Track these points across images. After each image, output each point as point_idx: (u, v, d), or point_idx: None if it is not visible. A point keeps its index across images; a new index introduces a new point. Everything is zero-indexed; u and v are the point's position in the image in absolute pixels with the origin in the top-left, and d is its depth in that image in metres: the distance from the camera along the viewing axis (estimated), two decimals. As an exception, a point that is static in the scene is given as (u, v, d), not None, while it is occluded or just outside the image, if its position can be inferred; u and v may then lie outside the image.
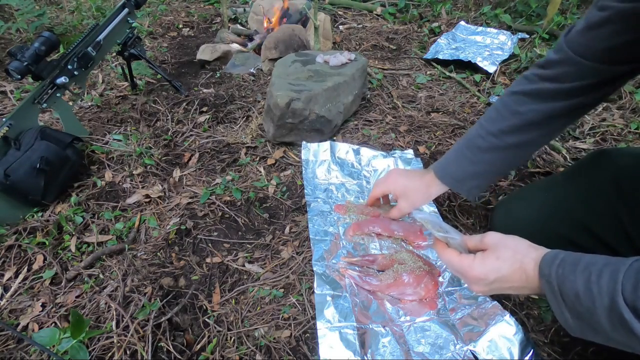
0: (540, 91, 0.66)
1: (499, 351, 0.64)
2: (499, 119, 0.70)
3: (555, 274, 0.46)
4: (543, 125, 0.68)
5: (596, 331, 0.43)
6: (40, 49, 1.02)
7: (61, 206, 0.99)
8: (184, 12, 2.36)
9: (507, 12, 2.12)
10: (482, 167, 0.73)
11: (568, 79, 0.63)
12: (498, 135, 0.70)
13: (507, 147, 0.70)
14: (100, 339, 0.69)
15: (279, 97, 1.10)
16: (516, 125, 0.68)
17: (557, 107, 0.65)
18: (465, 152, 0.74)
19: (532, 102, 0.67)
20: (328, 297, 0.72)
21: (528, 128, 0.68)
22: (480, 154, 0.72)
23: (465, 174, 0.74)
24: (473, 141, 0.73)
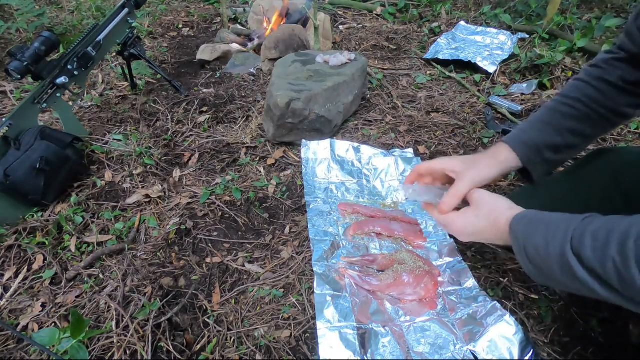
0: (631, 57, 0.64)
1: (498, 351, 0.64)
2: (582, 86, 0.68)
3: (522, 232, 0.53)
4: (630, 93, 0.66)
5: (552, 279, 0.50)
6: (40, 49, 1.02)
7: (61, 206, 0.99)
8: (184, 12, 2.36)
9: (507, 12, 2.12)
10: (564, 136, 0.68)
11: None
12: (583, 101, 0.67)
13: (594, 114, 0.67)
14: (100, 339, 0.69)
15: (279, 97, 1.10)
16: (604, 91, 0.66)
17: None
18: (544, 119, 0.69)
19: (618, 69, 0.65)
20: (328, 297, 0.72)
21: (615, 95, 0.66)
22: (564, 120, 0.68)
23: (545, 144, 0.67)
24: (555, 109, 0.69)
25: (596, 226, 0.46)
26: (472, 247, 0.87)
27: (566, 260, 0.46)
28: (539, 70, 1.56)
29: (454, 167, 0.66)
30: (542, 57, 1.53)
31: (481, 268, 0.81)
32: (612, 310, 0.72)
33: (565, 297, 0.75)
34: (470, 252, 0.86)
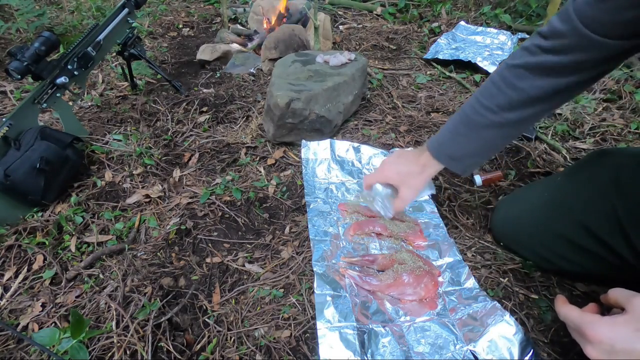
0: (543, 64, 0.63)
1: (499, 351, 0.64)
2: (496, 94, 0.68)
3: None
4: (544, 101, 0.66)
5: None
6: (40, 49, 1.02)
7: (61, 206, 0.99)
8: (184, 12, 2.36)
9: (507, 12, 2.12)
10: (480, 144, 0.72)
11: (572, 53, 0.59)
12: (497, 112, 0.68)
13: (506, 123, 0.68)
14: (100, 339, 0.69)
15: (279, 97, 1.10)
16: (516, 101, 0.66)
17: (560, 82, 0.63)
18: (460, 130, 0.72)
19: (533, 77, 0.64)
20: (328, 297, 0.72)
21: (528, 104, 0.66)
22: (477, 131, 0.70)
23: (462, 152, 0.73)
24: (470, 118, 0.71)
25: None
26: (472, 247, 0.87)
27: None
28: (539, 70, 1.56)
29: (393, 182, 0.81)
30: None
31: (481, 268, 0.81)
32: (612, 310, 0.72)
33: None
34: (470, 252, 0.86)
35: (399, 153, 0.84)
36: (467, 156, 0.73)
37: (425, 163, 0.76)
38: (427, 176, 0.78)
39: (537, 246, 0.78)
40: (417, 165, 0.77)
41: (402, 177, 0.79)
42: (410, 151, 0.83)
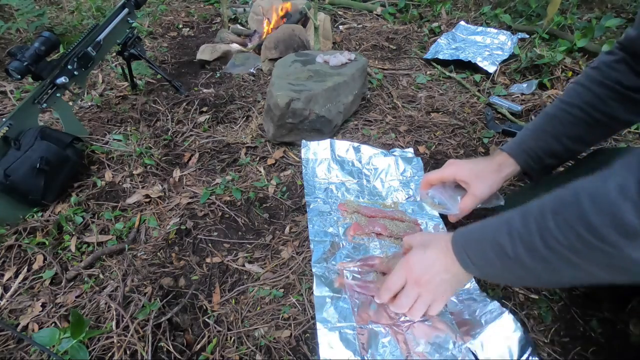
0: (627, 64, 0.65)
1: (498, 350, 0.64)
2: (583, 92, 0.69)
3: (461, 241, 0.59)
4: (631, 100, 0.66)
5: (496, 273, 0.57)
6: (40, 49, 1.02)
7: (61, 206, 0.99)
8: (184, 12, 2.36)
9: (507, 12, 2.11)
10: (563, 143, 0.70)
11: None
12: (584, 109, 0.68)
13: (594, 121, 0.68)
14: (100, 339, 0.69)
15: (279, 97, 1.10)
16: (606, 97, 0.67)
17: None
18: (545, 127, 0.71)
19: (618, 73, 0.66)
20: (327, 298, 0.72)
21: (618, 101, 0.66)
22: (564, 127, 0.69)
23: (544, 152, 0.71)
24: (555, 116, 0.70)
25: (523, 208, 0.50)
26: (472, 247, 0.87)
27: (497, 241, 0.51)
28: (539, 70, 1.56)
29: (464, 178, 0.73)
30: (542, 57, 1.53)
31: (481, 268, 0.81)
32: (612, 311, 0.72)
33: (565, 297, 0.75)
34: (470, 252, 0.85)
35: (457, 161, 0.78)
36: (549, 155, 0.71)
37: (501, 162, 0.73)
38: (505, 176, 0.73)
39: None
40: (491, 163, 0.73)
41: (476, 172, 0.73)
42: (475, 159, 0.80)
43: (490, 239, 0.52)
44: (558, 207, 0.44)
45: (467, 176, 0.72)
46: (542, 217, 0.45)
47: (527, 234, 0.47)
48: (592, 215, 0.40)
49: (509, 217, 0.52)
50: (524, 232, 0.47)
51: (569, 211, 0.43)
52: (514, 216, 0.51)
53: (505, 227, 0.51)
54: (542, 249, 0.45)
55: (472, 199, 0.73)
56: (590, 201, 0.40)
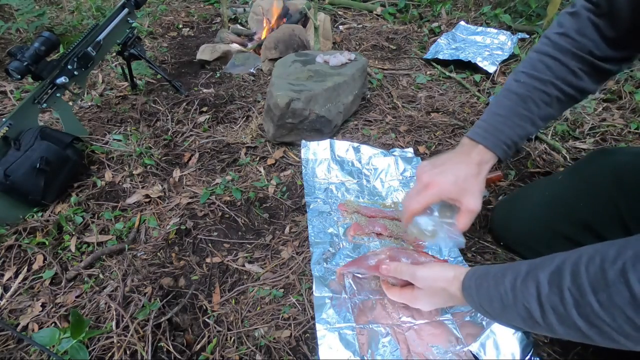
0: (598, 29, 0.60)
1: (499, 351, 0.63)
2: (554, 66, 0.63)
3: (475, 293, 0.54)
4: (605, 68, 0.62)
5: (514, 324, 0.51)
6: (40, 49, 1.02)
7: (61, 206, 0.99)
8: (184, 12, 2.36)
9: (507, 12, 2.11)
10: (537, 125, 0.65)
11: (627, 18, 0.56)
12: (558, 85, 0.63)
13: (568, 98, 0.64)
14: (100, 339, 0.69)
15: (279, 97, 1.10)
16: (580, 70, 0.62)
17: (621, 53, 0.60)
18: (520, 112, 0.64)
19: (593, 43, 0.60)
20: (327, 299, 0.72)
21: (590, 74, 0.62)
22: (539, 110, 0.64)
23: (520, 137, 0.65)
24: (528, 97, 0.64)
25: (546, 262, 0.45)
26: (472, 247, 0.87)
27: (522, 305, 0.46)
28: (539, 70, 1.56)
29: (451, 197, 0.65)
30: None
31: (481, 268, 0.81)
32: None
33: None
34: (470, 253, 0.86)
35: (432, 161, 0.68)
36: (523, 139, 0.66)
37: (481, 160, 0.64)
38: (485, 176, 0.66)
39: (538, 246, 0.78)
40: (470, 165, 0.64)
41: (461, 185, 0.63)
42: (447, 154, 0.68)
43: (515, 304, 0.47)
44: (600, 284, 0.38)
45: (454, 193, 0.64)
46: (580, 292, 0.40)
47: (561, 305, 0.41)
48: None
49: (532, 274, 0.46)
50: (556, 302, 0.42)
51: (615, 292, 0.37)
52: (539, 276, 0.45)
53: (532, 286, 0.45)
54: (579, 322, 0.40)
55: (469, 215, 0.65)
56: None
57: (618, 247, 0.39)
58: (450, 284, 0.58)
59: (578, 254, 0.42)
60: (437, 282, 0.60)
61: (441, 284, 0.59)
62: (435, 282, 0.60)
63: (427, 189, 0.65)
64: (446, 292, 0.58)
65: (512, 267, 0.50)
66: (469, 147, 0.66)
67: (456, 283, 0.57)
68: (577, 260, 0.41)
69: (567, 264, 0.42)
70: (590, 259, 0.40)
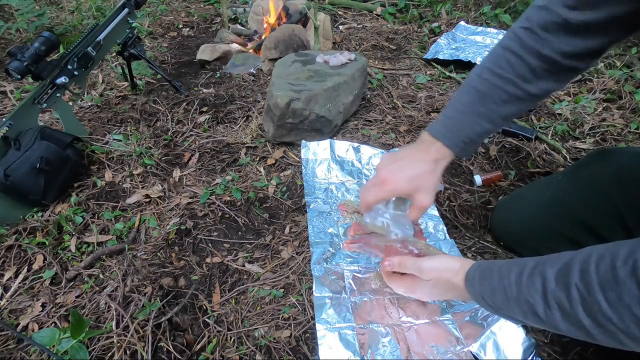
0: (570, 23, 0.57)
1: (499, 351, 0.63)
2: (516, 63, 0.61)
3: (478, 285, 0.53)
4: (566, 68, 0.60)
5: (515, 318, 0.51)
6: (40, 49, 1.02)
7: (61, 206, 0.99)
8: (184, 12, 2.36)
9: (507, 12, 2.11)
10: (496, 124, 0.64)
11: (604, 7, 0.53)
12: (518, 84, 0.61)
13: (528, 97, 0.62)
14: (100, 339, 0.69)
15: (279, 97, 1.10)
16: (541, 69, 0.60)
17: (588, 43, 0.58)
18: (479, 109, 0.63)
19: (557, 39, 0.58)
20: (327, 299, 0.72)
21: (551, 73, 0.61)
22: (498, 107, 0.63)
23: (479, 133, 0.64)
24: (486, 94, 0.63)
25: (554, 259, 0.45)
26: (472, 247, 0.87)
27: (525, 299, 0.46)
28: (539, 70, 1.56)
29: (405, 192, 0.66)
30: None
31: (481, 268, 0.81)
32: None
33: None
34: (470, 252, 0.86)
35: (393, 156, 0.69)
36: (481, 137, 0.66)
37: (438, 157, 0.65)
38: (441, 172, 0.66)
39: (538, 245, 0.78)
40: (427, 162, 0.65)
41: (416, 183, 0.64)
42: (407, 149, 0.69)
43: (519, 298, 0.47)
44: (609, 282, 0.38)
45: (407, 190, 0.65)
46: (587, 289, 0.39)
47: (567, 301, 0.41)
48: None
49: (538, 270, 0.46)
50: (562, 298, 0.42)
51: (625, 291, 0.37)
52: (546, 272, 0.45)
53: (538, 281, 0.45)
54: (585, 320, 0.40)
55: (419, 211, 0.67)
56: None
57: (630, 246, 0.39)
58: (455, 275, 0.57)
59: (588, 252, 0.42)
60: (443, 273, 0.59)
61: (447, 274, 0.58)
62: (442, 273, 0.59)
63: (383, 185, 0.66)
64: (449, 282, 0.58)
65: (518, 262, 0.50)
66: (428, 144, 0.66)
67: (461, 273, 0.56)
68: (587, 258, 0.41)
69: (576, 261, 0.42)
70: (601, 257, 0.40)
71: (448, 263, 0.59)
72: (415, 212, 0.67)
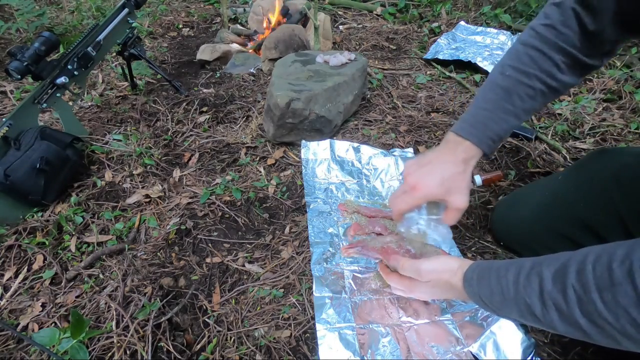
0: (581, 19, 0.59)
1: (499, 351, 0.64)
2: (541, 59, 0.62)
3: (476, 285, 0.54)
4: (587, 62, 0.62)
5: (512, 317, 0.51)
6: (40, 49, 1.02)
7: (61, 206, 0.99)
8: (184, 12, 2.36)
9: (507, 12, 2.11)
10: (521, 119, 0.65)
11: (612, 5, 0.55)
12: (543, 79, 0.63)
13: (551, 91, 0.64)
14: (100, 339, 0.69)
15: (279, 97, 1.10)
16: (564, 64, 0.62)
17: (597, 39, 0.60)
18: (505, 106, 0.64)
19: (576, 34, 0.60)
20: (327, 299, 0.72)
21: (574, 67, 0.62)
22: (523, 103, 0.64)
23: (505, 131, 0.65)
24: (513, 91, 0.63)
25: (551, 259, 0.45)
26: (472, 247, 0.87)
27: (522, 299, 0.46)
28: (539, 70, 1.56)
29: (438, 197, 0.64)
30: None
31: (481, 268, 0.81)
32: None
33: None
34: (470, 252, 0.86)
35: (419, 160, 0.67)
36: (508, 133, 0.66)
37: (466, 156, 0.64)
38: (471, 171, 0.65)
39: (538, 246, 0.78)
40: (456, 163, 0.63)
41: (448, 185, 0.63)
42: (433, 152, 0.67)
43: (516, 298, 0.47)
44: (605, 283, 0.38)
45: (440, 193, 0.63)
46: (584, 289, 0.40)
47: (564, 302, 0.41)
48: None
49: (535, 270, 0.46)
50: (559, 298, 0.42)
51: (621, 292, 0.37)
52: (543, 273, 0.45)
53: (535, 281, 0.45)
54: (581, 320, 0.40)
55: (457, 213, 0.65)
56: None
57: (627, 247, 0.39)
58: (453, 275, 0.57)
59: (585, 252, 0.42)
60: (442, 274, 0.59)
61: (445, 275, 0.58)
62: (440, 274, 0.59)
63: (414, 191, 0.64)
64: (448, 283, 0.58)
65: (516, 262, 0.50)
66: (455, 144, 0.65)
67: (459, 274, 0.56)
68: (584, 259, 0.41)
69: (573, 262, 0.42)
70: (598, 258, 0.40)
71: (446, 264, 0.59)
72: (452, 214, 0.65)
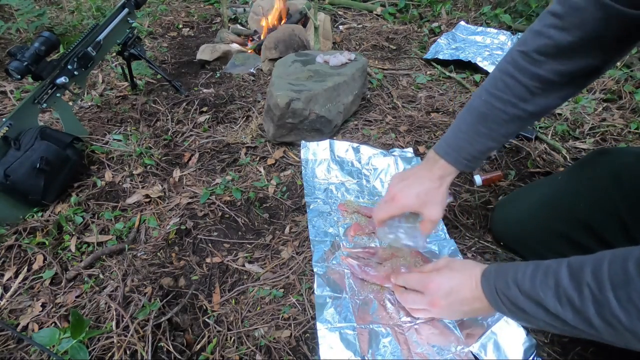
0: (560, 45, 0.59)
1: (500, 352, 0.63)
2: (513, 85, 0.64)
3: (494, 277, 0.56)
4: (565, 85, 0.63)
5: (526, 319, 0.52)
6: (40, 49, 1.02)
7: (61, 206, 0.98)
8: (184, 12, 2.36)
9: (507, 12, 2.11)
10: (499, 141, 0.69)
11: (592, 28, 0.55)
12: (516, 104, 0.64)
13: (528, 115, 0.65)
14: (100, 339, 0.69)
15: (279, 97, 1.10)
16: (536, 89, 0.63)
17: (579, 63, 0.60)
18: (480, 129, 0.67)
19: (551, 61, 0.60)
20: (328, 298, 0.72)
21: (548, 92, 0.63)
22: (498, 127, 0.66)
23: (481, 151, 0.69)
24: (487, 115, 0.67)
25: (572, 259, 0.46)
26: (472, 247, 0.87)
27: (537, 294, 0.47)
28: (539, 70, 1.56)
29: (414, 208, 0.71)
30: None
31: (481, 268, 0.81)
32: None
33: None
34: (470, 252, 0.86)
35: (401, 175, 0.76)
36: (485, 154, 0.70)
37: (442, 174, 0.71)
38: (447, 187, 0.72)
39: (538, 245, 0.78)
40: (432, 180, 0.71)
41: (423, 198, 0.70)
42: (415, 169, 0.75)
43: (531, 292, 0.49)
44: (620, 281, 0.39)
45: (416, 205, 0.71)
46: (599, 287, 0.40)
47: (579, 299, 0.42)
48: None
49: (553, 268, 0.47)
50: (574, 296, 0.43)
51: (635, 290, 0.37)
52: (560, 270, 0.46)
53: (552, 278, 0.46)
54: (594, 319, 0.41)
55: (430, 224, 0.72)
56: None
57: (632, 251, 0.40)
58: (474, 267, 0.60)
59: (604, 252, 0.44)
60: (466, 262, 0.63)
61: (469, 264, 0.62)
62: (465, 262, 0.64)
63: (393, 202, 0.72)
64: (470, 273, 0.59)
65: (537, 262, 0.52)
66: (433, 161, 0.72)
67: (480, 268, 0.59)
68: (601, 258, 0.43)
69: (590, 261, 0.43)
70: (614, 258, 0.41)
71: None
72: (427, 225, 0.72)
